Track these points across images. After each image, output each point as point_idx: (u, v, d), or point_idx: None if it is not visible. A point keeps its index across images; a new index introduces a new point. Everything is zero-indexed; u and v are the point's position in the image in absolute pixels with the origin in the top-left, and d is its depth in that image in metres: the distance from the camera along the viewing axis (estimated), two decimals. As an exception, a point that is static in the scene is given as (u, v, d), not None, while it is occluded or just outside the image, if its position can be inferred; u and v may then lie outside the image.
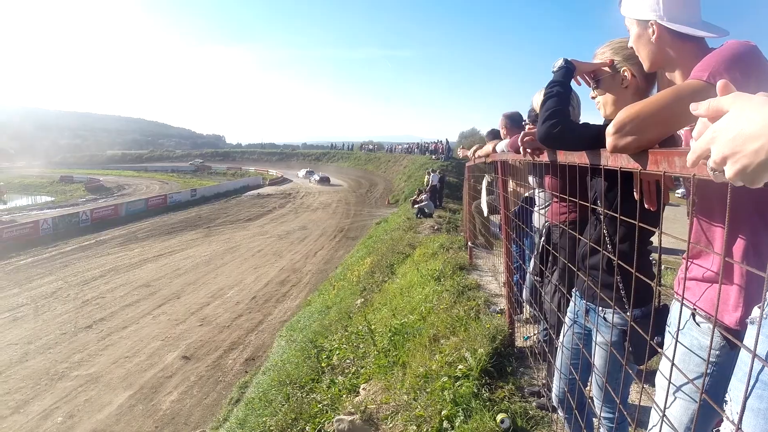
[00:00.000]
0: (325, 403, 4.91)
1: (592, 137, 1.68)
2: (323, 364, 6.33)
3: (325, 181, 59.27)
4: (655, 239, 1.64)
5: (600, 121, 2.15)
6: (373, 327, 6.16)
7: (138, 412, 9.75)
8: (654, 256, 2.14)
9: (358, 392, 4.61)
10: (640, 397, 1.58)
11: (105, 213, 34.28)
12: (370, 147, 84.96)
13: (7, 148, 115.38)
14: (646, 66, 1.73)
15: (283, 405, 5.80)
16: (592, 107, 2.18)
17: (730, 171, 0.72)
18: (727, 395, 1.11)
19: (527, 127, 3.77)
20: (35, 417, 9.58)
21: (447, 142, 54.39)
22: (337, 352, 6.47)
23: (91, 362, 11.91)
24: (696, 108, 0.80)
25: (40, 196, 53.36)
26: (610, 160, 1.47)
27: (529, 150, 2.38)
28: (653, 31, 1.60)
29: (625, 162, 1.37)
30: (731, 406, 1.08)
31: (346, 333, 7.19)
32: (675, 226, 1.85)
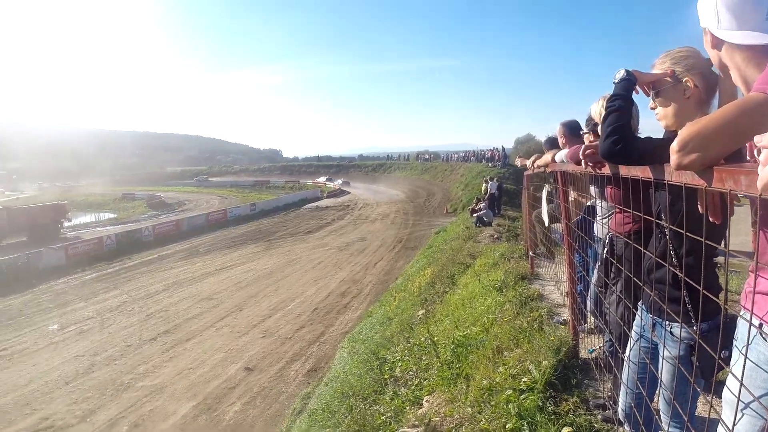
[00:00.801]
0: (389, 415, 4.92)
1: (655, 152, 1.67)
2: (386, 376, 6.35)
3: (346, 184, 69.89)
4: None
5: (658, 129, 2.13)
6: (435, 339, 6.15)
7: (202, 422, 10.04)
8: (720, 260, 2.09)
9: (422, 404, 4.61)
10: (709, 410, 1.55)
11: (167, 228, 35.42)
12: (426, 156, 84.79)
13: (70, 168, 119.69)
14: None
15: (346, 417, 5.85)
16: (651, 115, 2.16)
17: None
18: None
19: (587, 138, 3.73)
20: (101, 426, 9.99)
21: (503, 149, 53.78)
22: (400, 364, 6.47)
23: (155, 373, 12.33)
24: (761, 140, 0.81)
25: (104, 213, 55.38)
26: (674, 176, 1.46)
27: (590, 163, 2.38)
28: (709, 38, 1.58)
29: (689, 178, 1.36)
30: None
31: (409, 344, 7.18)
32: (739, 226, 1.81)
